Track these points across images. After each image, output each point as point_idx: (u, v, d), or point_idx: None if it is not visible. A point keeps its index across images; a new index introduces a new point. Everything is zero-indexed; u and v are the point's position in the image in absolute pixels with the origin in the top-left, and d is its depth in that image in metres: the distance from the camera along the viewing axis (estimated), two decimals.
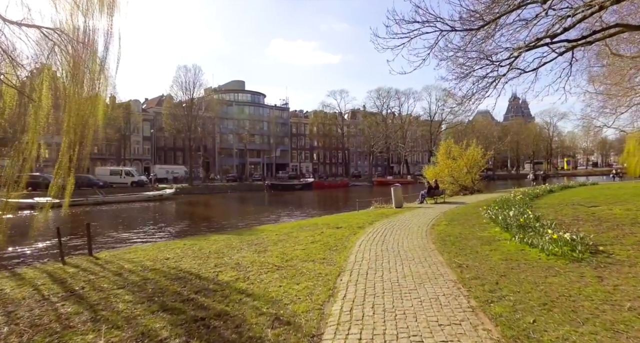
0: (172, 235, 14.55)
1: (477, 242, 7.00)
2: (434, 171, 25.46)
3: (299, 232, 9.71)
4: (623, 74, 28.37)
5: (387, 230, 9.30)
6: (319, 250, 7.09)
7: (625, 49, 24.70)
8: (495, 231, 8.06)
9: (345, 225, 10.52)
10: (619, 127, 40.06)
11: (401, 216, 12.36)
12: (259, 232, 10.44)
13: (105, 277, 5.50)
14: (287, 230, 10.43)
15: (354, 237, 8.40)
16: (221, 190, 44.36)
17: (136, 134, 60.02)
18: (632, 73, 29.04)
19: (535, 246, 5.93)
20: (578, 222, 8.49)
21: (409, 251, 6.58)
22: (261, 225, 14.60)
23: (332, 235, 8.80)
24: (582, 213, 9.73)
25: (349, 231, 9.43)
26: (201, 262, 6.39)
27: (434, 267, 5.35)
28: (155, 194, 31.61)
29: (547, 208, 11.35)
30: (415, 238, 7.85)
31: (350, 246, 7.34)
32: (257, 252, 7.13)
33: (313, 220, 13.06)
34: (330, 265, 5.89)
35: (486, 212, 10.45)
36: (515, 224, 7.67)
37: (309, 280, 4.98)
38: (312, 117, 70.91)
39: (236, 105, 71.05)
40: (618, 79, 28.98)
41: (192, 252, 7.48)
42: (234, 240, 8.79)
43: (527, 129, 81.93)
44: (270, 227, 11.68)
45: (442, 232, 8.47)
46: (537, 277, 4.48)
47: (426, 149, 73.18)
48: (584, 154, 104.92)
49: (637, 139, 42.36)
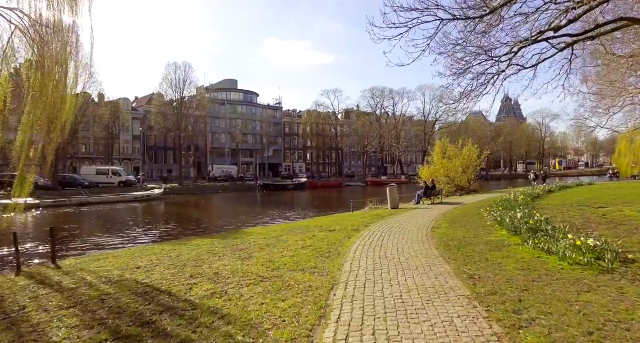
0: (154, 238, 13.69)
1: (485, 248, 6.33)
2: (429, 171, 24.90)
3: (289, 236, 8.96)
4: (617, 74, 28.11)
5: (384, 233, 8.60)
6: (310, 257, 6.35)
7: (619, 49, 24.41)
8: (503, 235, 7.41)
9: (339, 228, 9.80)
10: (611, 127, 39.88)
11: (398, 218, 11.69)
12: (246, 235, 9.67)
13: (59, 292, 4.69)
14: (277, 233, 9.68)
15: (348, 242, 7.68)
16: (212, 190, 43.33)
17: (126, 133, 58.62)
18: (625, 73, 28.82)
19: (554, 253, 5.27)
20: (590, 224, 7.88)
21: (411, 258, 5.87)
22: (250, 227, 13.81)
23: (325, 240, 8.07)
24: (591, 215, 9.14)
25: (343, 234, 8.71)
26: (175, 272, 5.60)
27: (442, 279, 4.65)
28: (143, 195, 30.53)
29: (552, 209, 10.76)
30: (416, 243, 7.15)
31: (345, 252, 6.62)
32: (241, 260, 6.37)
33: (305, 222, 12.31)
34: (322, 275, 5.16)
35: (489, 214, 9.83)
36: (525, 227, 7.02)
37: (297, 296, 4.24)
38: (305, 117, 70.15)
39: (228, 105, 69.99)
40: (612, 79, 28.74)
41: (168, 259, 6.68)
42: (218, 245, 8.02)
43: (520, 129, 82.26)
44: (259, 230, 10.91)
45: (444, 236, 7.80)
46: (566, 292, 3.80)
47: (420, 149, 72.90)
48: (576, 155, 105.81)
49: (629, 140, 42.46)
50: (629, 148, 44.03)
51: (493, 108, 13.63)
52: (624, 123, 39.06)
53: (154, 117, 43.36)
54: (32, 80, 7.61)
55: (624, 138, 42.43)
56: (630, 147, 43.59)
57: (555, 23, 12.81)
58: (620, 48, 24.75)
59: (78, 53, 8.64)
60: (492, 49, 13.95)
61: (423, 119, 71.74)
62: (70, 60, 8.85)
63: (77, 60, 8.98)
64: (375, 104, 70.09)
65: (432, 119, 71.07)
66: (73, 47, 8.52)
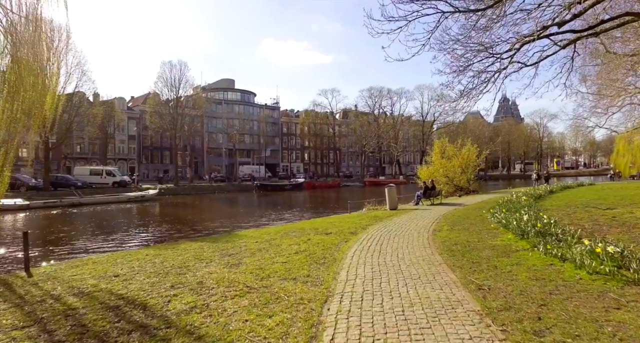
0: (144, 241, 13.17)
1: (492, 253, 5.89)
2: (428, 171, 24.50)
3: (283, 239, 8.50)
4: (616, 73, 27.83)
5: (383, 236, 8.14)
6: (303, 263, 5.88)
7: (618, 48, 24.11)
8: (509, 238, 6.97)
9: (336, 231, 9.34)
10: (610, 127, 39.64)
11: (397, 219, 11.24)
12: (238, 238, 9.19)
13: (19, 307, 4.20)
14: (270, 236, 9.21)
15: (345, 246, 7.22)
16: (208, 190, 42.77)
17: (121, 133, 57.99)
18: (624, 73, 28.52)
19: (568, 260, 4.83)
20: (601, 227, 7.46)
21: (412, 265, 5.42)
22: (244, 229, 13.32)
23: (320, 244, 7.61)
24: (600, 216, 8.72)
25: (339, 238, 8.25)
26: (156, 281, 5.12)
27: (447, 290, 4.20)
28: (137, 195, 29.96)
29: (557, 210, 10.35)
30: (416, 248, 6.70)
31: (341, 258, 6.16)
32: (229, 266, 5.90)
33: (300, 224, 11.84)
34: (315, 285, 4.69)
35: (493, 216, 9.40)
36: (532, 231, 6.58)
37: (287, 310, 3.78)
38: (303, 117, 69.66)
39: (225, 104, 69.45)
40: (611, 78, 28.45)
41: (151, 265, 6.20)
42: (206, 250, 7.54)
43: (518, 129, 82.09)
44: (252, 233, 10.42)
45: (446, 239, 7.35)
46: (592, 309, 3.35)
47: (418, 149, 72.59)
48: (573, 155, 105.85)
49: (627, 140, 42.26)
50: (627, 148, 43.81)
51: (492, 108, 13.27)
52: (622, 123, 38.74)
53: (149, 117, 42.71)
54: (7, 74, 7.12)
55: (622, 138, 42.21)
56: (628, 147, 43.37)
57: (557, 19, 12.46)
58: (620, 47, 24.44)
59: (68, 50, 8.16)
60: (493, 45, 13.54)
61: (421, 119, 71.45)
62: (50, 53, 8.37)
63: (58, 53, 8.41)
64: (373, 104, 69.74)
65: (430, 119, 70.78)
66: (58, 42, 7.98)
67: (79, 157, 51.74)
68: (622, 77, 29.54)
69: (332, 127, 71.01)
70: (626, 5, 13.45)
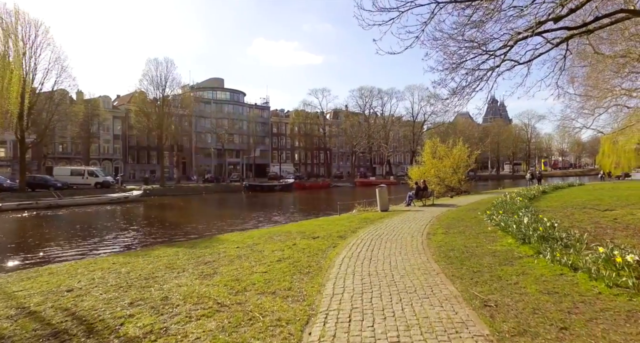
0: (118, 246, 12.32)
1: (493, 260, 5.36)
2: (419, 171, 24.13)
3: (266, 244, 7.86)
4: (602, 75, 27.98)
5: (374, 240, 7.57)
6: (285, 273, 5.26)
7: (605, 50, 24.16)
8: (509, 243, 6.46)
9: (324, 234, 8.74)
10: (597, 128, 40.11)
11: (388, 221, 10.70)
12: (219, 243, 8.52)
13: None
14: (254, 240, 8.56)
15: (333, 252, 6.62)
16: (196, 191, 41.74)
17: (106, 132, 56.41)
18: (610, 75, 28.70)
19: (581, 270, 4.32)
20: (604, 230, 7.03)
21: (407, 275, 4.85)
22: (228, 232, 12.62)
23: (306, 249, 6.99)
24: (601, 218, 8.32)
25: (327, 243, 7.65)
26: (114, 297, 4.43)
27: (448, 307, 3.63)
28: (120, 196, 28.85)
29: (554, 212, 9.94)
30: (411, 254, 6.14)
31: (328, 266, 5.56)
32: (202, 277, 5.24)
33: (287, 227, 11.21)
34: (296, 301, 4.08)
35: (489, 218, 8.92)
36: (535, 235, 6.09)
37: (260, 336, 3.16)
38: (293, 116, 68.95)
39: (214, 104, 68.34)
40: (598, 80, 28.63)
41: (115, 276, 5.50)
42: (181, 257, 6.86)
43: (507, 130, 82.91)
44: (235, 236, 9.75)
45: (442, 244, 6.82)
46: (625, 335, 2.81)
47: (409, 150, 72.58)
48: (560, 156, 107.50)
49: (612, 141, 42.81)
50: (612, 149, 44.43)
51: (482, 109, 12.95)
52: (609, 123, 39.16)
53: (134, 116, 41.44)
54: None
55: (607, 139, 42.70)
56: (613, 147, 43.98)
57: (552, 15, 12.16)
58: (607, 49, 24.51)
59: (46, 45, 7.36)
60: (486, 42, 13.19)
61: (411, 119, 71.42)
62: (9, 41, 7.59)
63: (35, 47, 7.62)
64: (364, 104, 69.43)
65: (420, 120, 70.83)
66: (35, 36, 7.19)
67: (61, 157, 50.03)
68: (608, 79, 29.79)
69: (323, 127, 70.44)
70: (620, 2, 13.29)
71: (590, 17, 12.76)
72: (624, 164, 44.24)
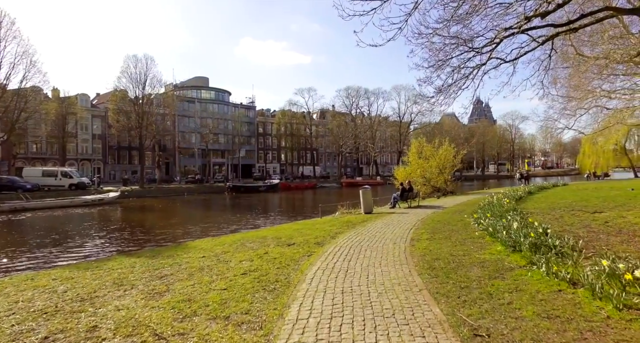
0: (76, 255, 11.25)
1: (482, 272, 4.78)
2: (405, 172, 23.72)
3: (236, 253, 7.14)
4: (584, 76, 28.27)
5: (353, 248, 6.94)
6: (247, 290, 4.57)
7: (586, 52, 24.33)
8: (498, 251, 5.92)
9: (301, 241, 8.07)
10: (578, 128, 40.82)
11: (371, 225, 10.10)
12: (185, 251, 7.75)
13: None
14: (224, 248, 7.83)
15: (306, 263, 5.95)
16: (177, 192, 40.48)
17: (84, 132, 54.38)
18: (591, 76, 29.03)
19: (582, 285, 3.78)
20: (597, 235, 6.57)
21: (385, 293, 4.21)
22: (202, 237, 11.81)
23: (277, 259, 6.31)
24: (591, 222, 7.90)
25: (302, 251, 6.98)
26: (26, 330, 3.60)
27: (432, 338, 3.00)
28: (94, 198, 27.47)
29: (543, 214, 9.53)
30: (391, 265, 5.53)
31: (298, 281, 4.88)
32: (150, 296, 4.50)
33: (264, 232, 10.48)
34: (252, 329, 3.40)
35: (476, 222, 8.42)
36: (527, 242, 5.56)
37: None
38: (279, 116, 68.02)
39: (199, 103, 66.83)
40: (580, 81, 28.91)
41: (47, 296, 4.69)
42: (137, 269, 6.09)
43: (492, 130, 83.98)
44: (205, 243, 8.98)
45: (426, 252, 6.23)
46: None
47: (395, 150, 72.57)
48: (543, 156, 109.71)
49: (592, 141, 43.60)
50: (592, 149, 45.30)
51: (468, 108, 12.59)
52: (590, 124, 39.86)
53: (112, 114, 39.87)
54: None
55: (588, 139, 43.49)
56: (593, 148, 44.85)
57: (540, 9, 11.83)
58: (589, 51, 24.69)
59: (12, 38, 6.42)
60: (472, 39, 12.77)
61: (398, 120, 71.47)
62: None
63: None
64: (351, 104, 69.10)
65: (407, 120, 70.91)
66: None
67: (35, 157, 47.87)
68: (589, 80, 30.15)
69: (309, 127, 69.75)
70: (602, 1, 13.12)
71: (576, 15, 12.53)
72: (603, 164, 45.14)
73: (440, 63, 12.88)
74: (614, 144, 43.27)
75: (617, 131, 38.51)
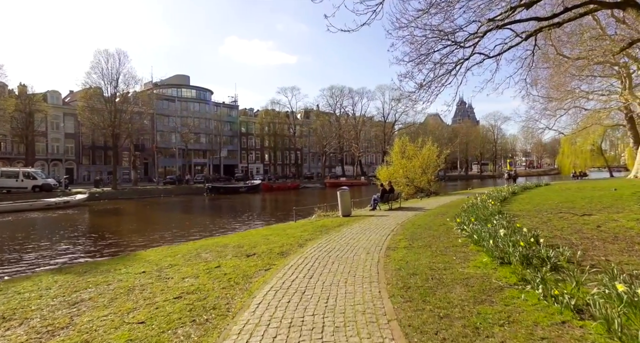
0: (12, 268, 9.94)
1: (467, 294, 3.91)
2: (388, 172, 23.00)
3: (184, 266, 6.11)
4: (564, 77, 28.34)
5: (320, 260, 6.00)
6: (171, 322, 3.56)
7: (565, 53, 24.34)
8: (484, 263, 5.09)
9: (264, 250, 7.08)
10: (558, 129, 41.33)
11: (346, 230, 9.20)
12: (127, 264, 6.65)
13: None
14: (174, 259, 6.79)
15: (260, 280, 4.97)
16: (153, 194, 38.75)
17: (55, 130, 51.73)
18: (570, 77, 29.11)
19: (589, 315, 2.94)
20: (592, 242, 5.84)
21: (344, 328, 3.28)
22: (159, 245, 10.65)
23: (227, 275, 5.31)
24: (582, 226, 7.21)
25: (261, 263, 6.00)
26: None
27: None
28: (59, 201, 25.63)
29: (529, 217, 8.83)
30: (359, 283, 4.60)
31: (240, 308, 3.90)
32: (38, 338, 3.43)
33: (227, 239, 9.42)
34: None
35: (459, 227, 7.62)
36: (517, 253, 4.75)
37: None
38: (261, 115, 66.64)
39: (179, 102, 64.79)
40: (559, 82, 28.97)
41: None
42: (51, 291, 5.02)
43: (475, 131, 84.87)
44: (155, 253, 7.87)
45: (402, 265, 5.34)
46: None
47: (380, 150, 72.28)
48: (524, 156, 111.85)
49: (571, 142, 44.24)
50: (571, 149, 46.01)
51: (451, 105, 11.92)
52: (569, 124, 40.36)
53: (80, 111, 37.78)
54: None
55: (567, 140, 44.11)
56: (572, 148, 45.54)
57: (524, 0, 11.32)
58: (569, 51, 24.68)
59: None
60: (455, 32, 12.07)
61: (383, 120, 71.18)
62: None
63: None
64: (335, 103, 68.35)
65: (391, 120, 70.70)
66: None
67: None
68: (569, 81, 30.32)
69: (293, 126, 68.60)
70: None
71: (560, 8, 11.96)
72: (581, 164, 45.91)
73: (422, 57, 12.10)
74: (591, 144, 44.05)
75: (594, 132, 39.19)
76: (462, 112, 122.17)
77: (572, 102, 34.57)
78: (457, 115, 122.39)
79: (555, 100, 34.68)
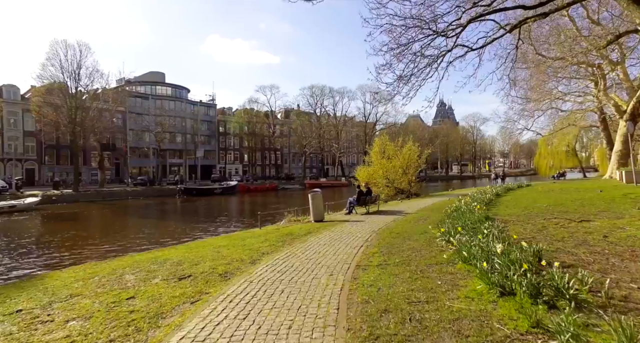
0: None
1: None
2: (367, 172, 21.89)
3: (85, 298, 4.60)
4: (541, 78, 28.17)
5: (268, 285, 4.62)
6: None
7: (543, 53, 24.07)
8: (478, 293, 3.83)
9: (204, 269, 5.64)
10: (536, 129, 41.63)
11: (313, 240, 7.86)
12: (15, 293, 5.08)
13: None
14: (83, 285, 5.28)
15: (173, 324, 3.53)
16: (120, 196, 36.29)
17: (13, 128, 48.00)
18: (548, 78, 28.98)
19: None
20: (606, 259, 4.70)
21: None
22: (92, 260, 9.00)
23: (135, 312, 3.85)
24: (584, 234, 6.13)
25: (190, 291, 4.55)
26: None
27: None
28: (2, 205, 23.12)
29: (520, 223, 7.74)
30: (308, 330, 3.24)
31: None
32: None
33: (167, 252, 7.86)
34: None
35: (443, 237, 6.40)
36: (524, 282, 3.51)
37: None
38: (239, 114, 64.51)
39: (153, 99, 61.85)
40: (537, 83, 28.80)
41: None
42: None
43: (455, 131, 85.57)
44: (68, 274, 6.27)
45: (372, 295, 4.02)
46: None
47: (361, 150, 71.51)
48: (501, 157, 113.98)
49: (548, 143, 44.71)
50: (547, 150, 46.53)
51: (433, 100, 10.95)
52: (547, 125, 40.67)
53: (33, 106, 34.91)
54: None
55: (544, 141, 44.56)
56: (548, 149, 46.06)
57: None
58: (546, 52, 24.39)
59: None
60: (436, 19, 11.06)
61: (364, 120, 70.44)
62: None
63: None
64: (315, 103, 67.05)
65: (372, 120, 70.07)
66: None
67: None
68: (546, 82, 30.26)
69: (272, 126, 66.78)
70: None
71: None
72: (557, 164, 46.51)
73: (401, 48, 10.94)
74: (566, 145, 44.66)
75: (570, 133, 39.66)
76: (443, 113, 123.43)
77: (550, 103, 34.78)
78: (437, 116, 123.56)
79: (534, 101, 34.81)
